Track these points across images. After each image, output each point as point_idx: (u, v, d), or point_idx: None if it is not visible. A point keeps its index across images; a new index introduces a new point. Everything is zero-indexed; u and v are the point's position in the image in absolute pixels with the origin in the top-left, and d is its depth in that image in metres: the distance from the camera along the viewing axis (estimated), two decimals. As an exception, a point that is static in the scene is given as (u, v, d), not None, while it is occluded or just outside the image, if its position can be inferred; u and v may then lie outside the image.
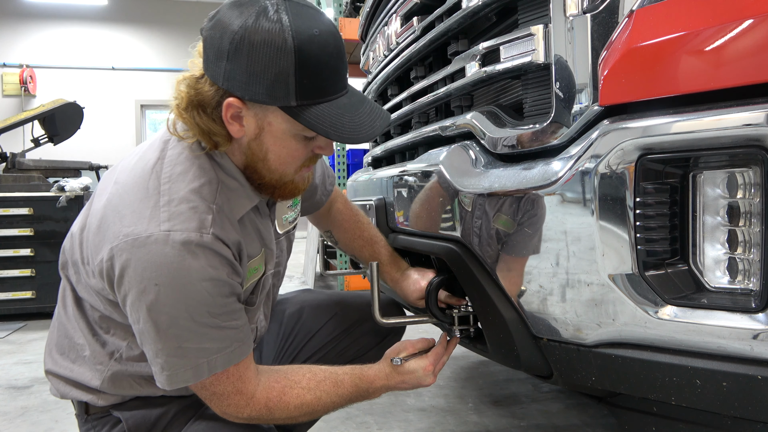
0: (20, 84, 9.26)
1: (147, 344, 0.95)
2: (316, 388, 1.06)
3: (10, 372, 2.61)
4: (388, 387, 1.15)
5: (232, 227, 0.98)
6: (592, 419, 1.87)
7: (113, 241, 0.91)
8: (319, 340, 1.39)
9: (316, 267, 4.70)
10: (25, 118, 4.34)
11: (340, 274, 1.91)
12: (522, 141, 0.94)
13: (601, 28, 0.81)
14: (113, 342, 1.05)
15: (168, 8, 9.98)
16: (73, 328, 1.08)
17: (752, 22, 0.67)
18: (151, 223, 0.90)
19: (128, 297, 0.92)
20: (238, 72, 0.88)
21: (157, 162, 0.97)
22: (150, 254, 0.88)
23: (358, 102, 0.96)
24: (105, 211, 0.96)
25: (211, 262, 0.92)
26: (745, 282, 0.72)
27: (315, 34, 0.88)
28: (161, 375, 0.95)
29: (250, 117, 0.94)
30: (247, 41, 0.86)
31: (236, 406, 0.99)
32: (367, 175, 1.73)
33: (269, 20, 0.86)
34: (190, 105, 0.94)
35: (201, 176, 0.96)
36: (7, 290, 3.58)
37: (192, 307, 0.91)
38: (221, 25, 0.89)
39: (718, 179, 0.74)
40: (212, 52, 0.90)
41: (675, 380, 0.76)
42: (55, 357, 1.10)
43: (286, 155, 0.99)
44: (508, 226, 0.93)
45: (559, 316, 0.88)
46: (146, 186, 0.94)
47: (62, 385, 1.09)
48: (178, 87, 0.96)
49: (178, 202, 0.92)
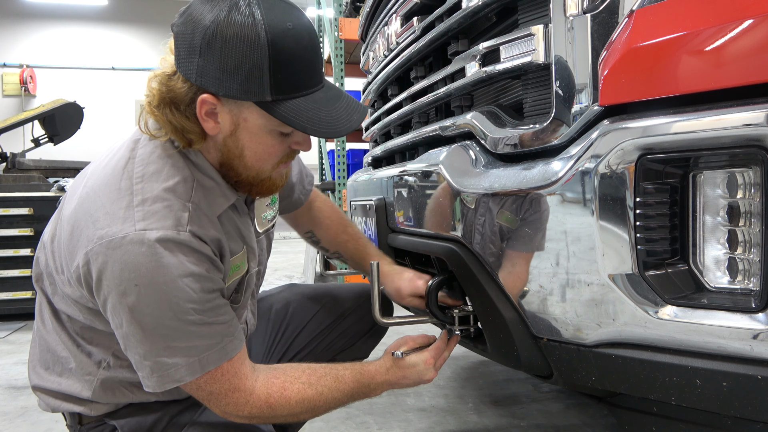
0: (20, 84, 9.27)
1: (132, 348, 0.92)
2: (318, 384, 1.05)
3: (10, 372, 2.61)
4: (389, 382, 1.14)
5: (210, 224, 0.96)
6: (592, 419, 1.87)
7: (87, 245, 0.89)
8: (308, 334, 1.38)
9: (316, 267, 4.70)
10: (25, 118, 4.35)
11: (340, 274, 1.92)
12: (522, 141, 0.94)
13: (601, 28, 0.81)
14: (98, 352, 1.03)
15: (168, 8, 9.98)
16: (54, 342, 1.06)
17: (752, 22, 0.67)
18: (125, 224, 0.88)
19: (108, 301, 0.90)
20: (211, 67, 0.86)
21: (128, 162, 0.95)
22: (126, 254, 0.86)
23: (334, 96, 0.95)
24: (76, 216, 0.93)
25: (190, 258, 0.90)
26: (745, 282, 0.72)
27: (288, 27, 0.87)
28: (150, 378, 0.93)
29: (225, 113, 0.92)
30: (220, 36, 0.85)
31: (236, 404, 0.98)
32: (367, 175, 1.73)
33: (241, 14, 0.85)
34: (162, 102, 0.92)
35: (175, 175, 0.94)
36: (7, 290, 3.58)
37: (175, 304, 0.88)
38: (192, 20, 0.87)
39: (718, 179, 0.74)
40: (184, 48, 0.89)
41: (675, 380, 0.76)
42: (40, 372, 1.08)
43: (262, 152, 0.97)
44: (508, 226, 0.93)
45: (560, 316, 0.88)
46: (118, 187, 0.92)
47: (51, 400, 1.07)
48: (149, 84, 0.94)
49: (153, 201, 0.90)
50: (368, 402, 2.05)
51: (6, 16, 9.41)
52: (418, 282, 1.31)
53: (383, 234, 1.49)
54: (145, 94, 0.95)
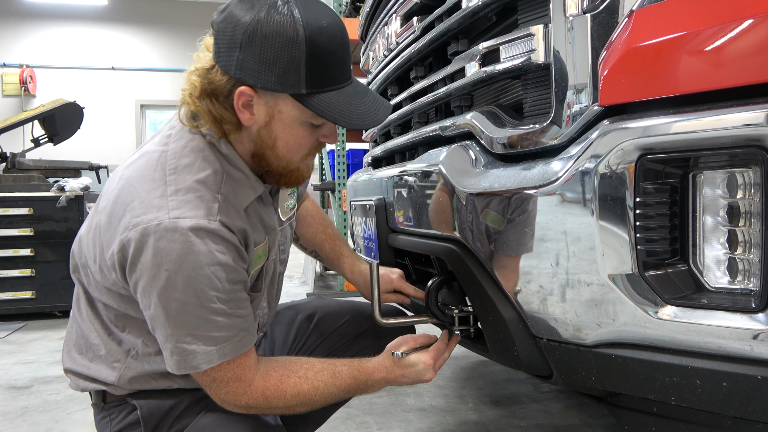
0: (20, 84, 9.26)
1: (157, 329, 0.98)
2: (314, 378, 1.08)
3: (10, 372, 2.61)
4: (387, 380, 1.15)
5: (237, 215, 1.01)
6: (592, 419, 1.87)
7: (123, 232, 0.94)
8: (329, 345, 1.40)
9: (316, 267, 4.70)
10: (25, 118, 4.34)
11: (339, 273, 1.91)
12: (522, 141, 0.94)
13: (601, 28, 0.81)
14: (129, 340, 1.08)
15: (168, 8, 9.98)
16: (88, 329, 1.12)
17: (752, 22, 0.67)
18: (160, 211, 0.93)
19: (139, 283, 0.95)
20: (251, 61, 0.92)
21: (161, 155, 1.01)
22: (160, 240, 0.92)
23: (362, 91, 1.01)
24: (113, 207, 0.99)
25: (219, 247, 0.95)
26: (745, 282, 0.72)
27: (324, 25, 0.93)
28: (171, 359, 0.98)
29: (261, 105, 0.98)
30: (260, 32, 0.90)
31: (234, 393, 1.02)
32: (367, 175, 1.73)
33: (280, 13, 0.91)
34: (203, 93, 0.98)
35: (206, 167, 1.00)
36: (7, 290, 3.58)
37: (201, 291, 0.93)
38: (233, 18, 0.93)
39: (718, 179, 0.74)
40: (224, 44, 0.94)
41: (675, 380, 0.76)
42: (74, 356, 1.14)
43: (294, 142, 1.02)
44: (508, 227, 0.93)
45: (559, 316, 0.88)
46: (152, 177, 0.98)
47: (81, 381, 1.13)
48: (189, 78, 1.00)
49: (185, 191, 0.96)
50: (368, 402, 2.06)
51: (6, 16, 9.40)
52: (392, 277, 1.38)
53: (383, 234, 1.49)
54: (184, 87, 1.01)
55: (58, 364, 2.71)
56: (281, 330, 1.41)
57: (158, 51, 9.95)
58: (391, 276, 1.37)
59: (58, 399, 2.24)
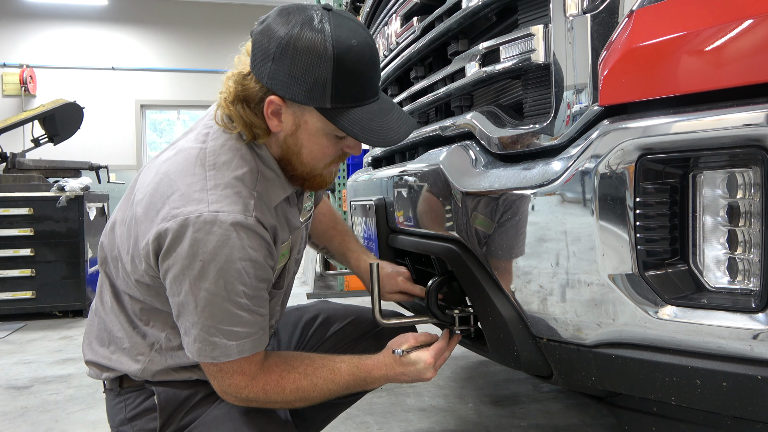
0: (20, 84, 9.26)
1: (184, 315, 1.01)
2: (313, 375, 1.10)
3: (10, 372, 2.61)
4: (387, 377, 1.16)
5: (269, 213, 1.06)
6: (592, 419, 1.87)
7: (162, 222, 0.97)
8: (330, 346, 1.42)
9: (316, 267, 4.70)
10: (25, 118, 4.34)
11: (340, 274, 1.92)
12: (522, 141, 0.94)
13: (601, 28, 0.81)
14: (153, 333, 1.11)
15: (168, 8, 9.98)
16: (111, 322, 1.15)
17: (752, 22, 0.67)
18: (200, 204, 0.97)
19: (171, 271, 0.98)
20: (281, 73, 0.96)
21: (200, 151, 1.05)
22: (198, 232, 0.95)
23: (387, 108, 1.04)
24: (151, 199, 1.02)
25: (252, 243, 0.99)
26: (745, 282, 0.72)
27: (353, 44, 0.96)
28: (193, 345, 1.02)
29: (289, 114, 1.02)
30: (292, 47, 0.95)
31: (237, 386, 1.05)
32: (367, 175, 1.73)
33: (313, 29, 0.95)
34: (236, 99, 1.02)
35: (243, 165, 1.04)
36: (7, 290, 3.58)
37: (230, 284, 0.97)
38: (269, 31, 0.97)
39: (718, 179, 0.73)
40: (260, 54, 0.99)
41: (675, 380, 0.76)
42: (95, 348, 1.17)
43: (317, 151, 1.07)
44: (508, 227, 0.93)
45: (559, 316, 0.88)
46: (192, 172, 1.01)
47: (103, 371, 1.16)
48: (226, 82, 1.05)
49: (224, 186, 1.00)
50: (368, 402, 2.06)
51: (6, 16, 9.40)
52: (396, 278, 1.38)
53: (383, 234, 1.50)
54: (221, 90, 1.06)
55: (58, 364, 2.71)
56: (286, 330, 1.44)
57: (158, 51, 9.94)
58: (396, 277, 1.39)
59: (58, 399, 2.24)
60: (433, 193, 1.15)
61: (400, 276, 1.39)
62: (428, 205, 1.19)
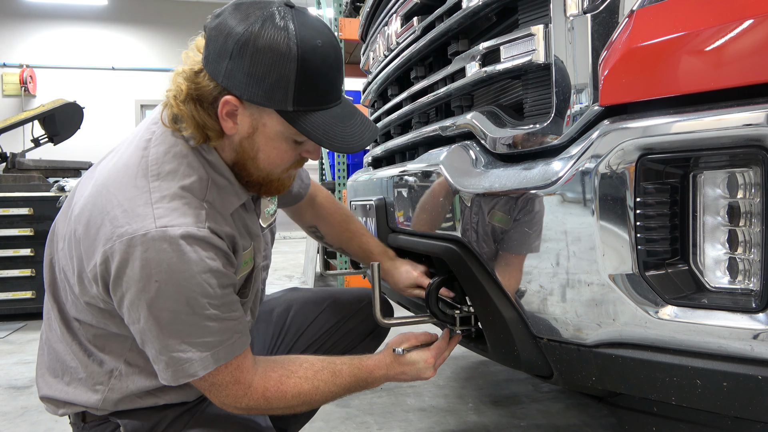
0: (20, 84, 9.27)
1: (149, 343, 0.95)
2: (314, 378, 1.07)
3: (10, 372, 2.61)
4: (387, 377, 1.16)
5: (224, 221, 1.00)
6: (592, 419, 1.87)
7: (106, 243, 0.90)
8: (309, 337, 1.40)
9: (316, 267, 4.70)
10: (25, 118, 4.34)
11: (340, 274, 1.92)
12: (522, 141, 0.94)
13: (602, 28, 0.81)
14: (110, 360, 1.04)
15: (168, 8, 9.98)
16: (63, 351, 1.07)
17: (752, 22, 0.67)
18: (146, 221, 0.90)
19: (126, 297, 0.91)
20: (239, 72, 0.90)
21: (142, 160, 0.97)
22: (148, 251, 0.88)
23: (349, 113, 0.99)
24: (90, 215, 0.94)
25: (209, 254, 0.93)
26: (746, 282, 0.72)
27: (318, 44, 0.91)
28: (166, 372, 0.96)
29: (245, 116, 0.96)
30: (252, 44, 0.89)
31: (234, 396, 1.00)
32: (367, 175, 1.73)
33: (275, 27, 0.89)
34: (188, 98, 0.95)
35: (191, 174, 0.97)
36: (7, 290, 3.58)
37: (193, 299, 0.91)
38: (226, 26, 0.91)
39: (718, 179, 0.74)
40: (215, 50, 0.92)
41: (675, 380, 0.76)
42: (49, 381, 1.09)
43: (275, 156, 1.01)
44: (508, 227, 0.93)
45: (560, 316, 0.88)
46: (134, 185, 0.94)
47: (60, 407, 1.09)
48: (175, 80, 0.97)
49: (171, 198, 0.93)
50: (368, 402, 2.06)
51: (6, 16, 9.40)
52: (413, 273, 1.35)
53: (383, 234, 1.49)
54: (169, 88, 0.99)
55: (58, 364, 2.71)
56: (258, 328, 1.38)
57: (158, 51, 9.95)
58: (413, 272, 1.35)
59: (58, 399, 2.23)
60: (434, 193, 1.15)
61: (416, 271, 1.36)
62: (428, 205, 1.19)
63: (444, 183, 1.10)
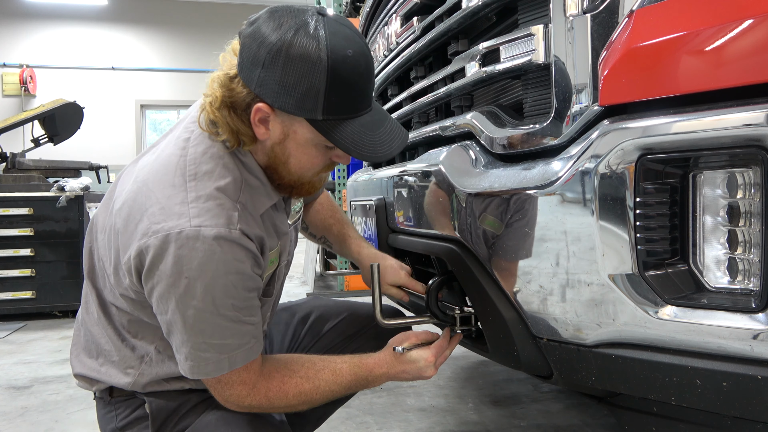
0: (20, 84, 9.27)
1: (173, 334, 0.99)
2: (315, 377, 1.09)
3: (10, 372, 2.61)
4: (388, 376, 1.16)
5: (255, 223, 1.02)
6: (592, 419, 1.87)
7: (142, 237, 0.94)
8: (325, 344, 1.41)
9: (316, 267, 4.70)
10: (25, 118, 4.34)
11: (340, 274, 1.92)
12: (522, 141, 0.94)
13: (601, 28, 0.81)
14: (142, 346, 1.09)
15: (168, 8, 9.98)
16: (99, 334, 1.12)
17: (752, 22, 0.67)
18: (181, 219, 0.93)
19: (156, 289, 0.95)
20: (271, 81, 0.92)
21: (180, 159, 1.00)
22: (181, 249, 0.92)
23: (379, 120, 1.00)
24: (130, 210, 0.98)
25: (238, 255, 0.96)
26: (745, 282, 0.72)
27: (349, 54, 0.92)
28: (185, 363, 1.00)
29: (277, 123, 0.98)
30: (284, 54, 0.90)
31: (238, 395, 1.03)
32: (367, 175, 1.73)
33: (308, 36, 0.90)
34: (222, 104, 0.98)
35: (226, 175, 1.00)
36: (7, 290, 3.58)
37: (218, 299, 0.95)
38: (260, 34, 0.92)
39: (718, 179, 0.74)
40: (248, 58, 0.94)
41: (675, 380, 0.76)
42: (83, 360, 1.15)
43: (306, 161, 1.03)
44: (508, 227, 0.93)
45: (559, 316, 0.88)
46: (172, 183, 0.97)
47: (91, 384, 1.14)
48: (211, 85, 1.00)
49: (206, 198, 0.96)
50: (368, 402, 2.06)
51: (6, 16, 9.41)
52: (400, 272, 1.35)
53: (383, 234, 1.50)
54: (206, 93, 1.01)
55: (58, 364, 2.71)
56: (278, 330, 1.42)
57: (158, 51, 9.95)
58: (399, 271, 1.35)
59: (58, 399, 2.24)
60: (433, 193, 1.15)
61: (403, 270, 1.36)
62: (428, 205, 1.19)
63: (444, 183, 1.10)
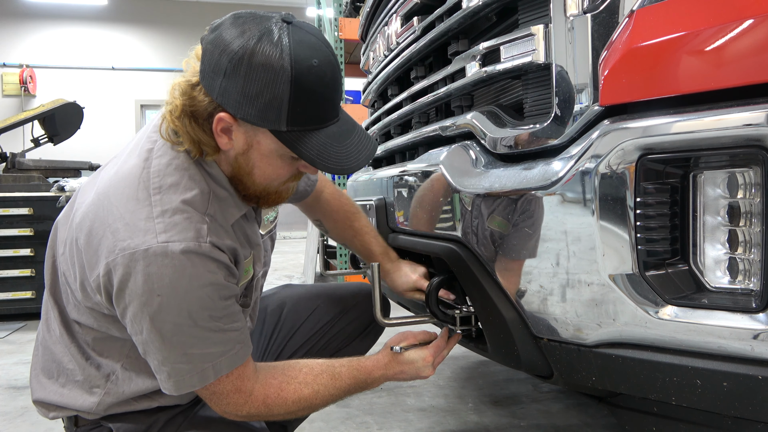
0: (20, 84, 9.26)
1: (151, 354, 0.95)
2: (314, 382, 1.07)
3: (10, 372, 2.61)
4: (386, 376, 1.16)
5: (226, 234, 0.99)
6: (592, 419, 1.87)
7: (108, 255, 0.91)
8: (303, 335, 1.39)
9: (316, 267, 4.70)
10: (25, 118, 4.34)
11: (340, 274, 1.92)
12: (522, 141, 0.94)
13: (602, 28, 0.81)
14: (108, 364, 1.05)
15: (168, 8, 9.98)
16: (61, 353, 1.07)
17: (752, 22, 0.67)
18: (147, 235, 0.90)
19: (128, 309, 0.92)
20: (233, 90, 0.88)
21: (143, 172, 0.96)
22: (150, 266, 0.89)
23: (347, 131, 0.97)
24: (92, 225, 0.94)
25: (210, 267, 0.93)
26: (746, 282, 0.72)
27: (314, 64, 0.89)
28: (168, 382, 0.96)
29: (240, 133, 0.95)
30: (246, 63, 0.86)
31: (235, 404, 1.01)
32: (367, 175, 1.73)
33: (271, 44, 0.87)
34: (183, 113, 0.94)
35: (192, 187, 0.96)
36: (7, 290, 3.57)
37: (195, 312, 0.92)
38: (222, 41, 0.88)
39: (718, 179, 0.74)
40: (210, 65, 0.90)
41: (675, 380, 0.76)
42: (43, 382, 1.09)
43: (271, 172, 1.00)
44: (508, 227, 0.93)
45: (560, 316, 0.88)
46: (135, 197, 0.93)
47: (51, 410, 1.09)
48: (172, 92, 0.97)
49: (172, 212, 0.92)
50: (368, 402, 2.06)
51: (6, 16, 9.40)
52: (412, 276, 1.34)
53: (383, 234, 1.49)
54: (167, 101, 0.97)
55: (58, 364, 2.70)
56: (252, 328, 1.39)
57: (158, 51, 9.94)
58: (412, 275, 1.34)
59: (58, 399, 2.23)
60: (434, 193, 1.15)
61: (416, 273, 1.35)
62: (428, 205, 1.19)
63: (444, 183, 1.10)
